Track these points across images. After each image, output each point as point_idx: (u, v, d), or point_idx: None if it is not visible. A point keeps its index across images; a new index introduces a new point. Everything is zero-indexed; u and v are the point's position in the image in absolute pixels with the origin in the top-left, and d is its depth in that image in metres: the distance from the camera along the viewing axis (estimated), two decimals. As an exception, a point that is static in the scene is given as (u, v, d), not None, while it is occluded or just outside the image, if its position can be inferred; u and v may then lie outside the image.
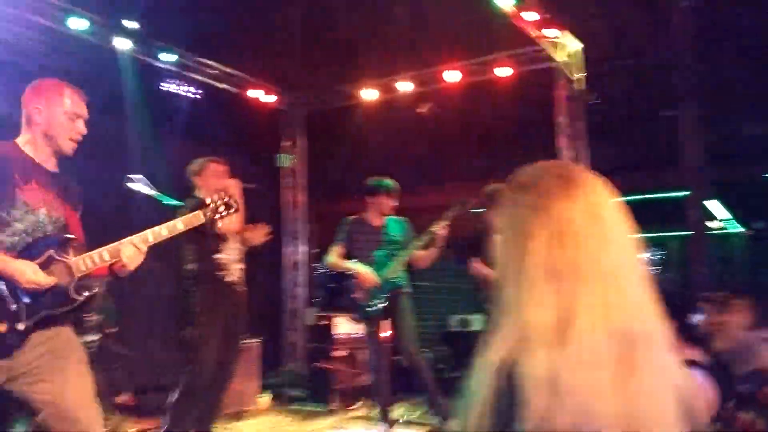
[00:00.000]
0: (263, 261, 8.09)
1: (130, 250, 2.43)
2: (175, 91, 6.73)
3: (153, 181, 6.07)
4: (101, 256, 2.38)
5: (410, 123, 8.22)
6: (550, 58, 6.43)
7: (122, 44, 6.09)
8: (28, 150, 2.42)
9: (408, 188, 8.24)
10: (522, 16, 5.91)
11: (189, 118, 6.94)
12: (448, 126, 8.25)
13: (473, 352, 1.04)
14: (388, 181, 4.88)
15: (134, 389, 5.44)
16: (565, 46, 6.43)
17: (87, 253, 2.38)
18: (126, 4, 5.90)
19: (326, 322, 6.51)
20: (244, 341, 5.64)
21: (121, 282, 4.94)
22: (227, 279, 4.03)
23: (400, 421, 5.05)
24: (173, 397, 3.92)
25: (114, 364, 5.30)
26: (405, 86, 7.51)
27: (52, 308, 2.29)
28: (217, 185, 3.92)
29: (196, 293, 3.98)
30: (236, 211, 2.83)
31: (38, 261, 2.26)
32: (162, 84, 6.65)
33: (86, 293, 2.36)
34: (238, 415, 5.41)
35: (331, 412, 5.63)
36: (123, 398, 5.42)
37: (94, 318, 4.83)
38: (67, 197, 2.49)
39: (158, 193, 4.50)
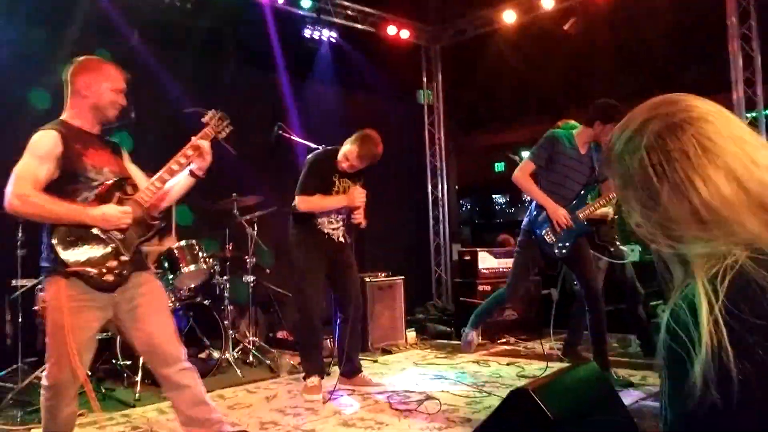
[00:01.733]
0: (408, 198, 8.26)
1: (205, 150, 2.80)
2: (317, 37, 6.84)
3: (299, 126, 6.38)
4: (154, 184, 2.74)
5: (553, 44, 7.76)
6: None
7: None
8: (76, 123, 2.71)
9: (554, 114, 7.93)
10: None
11: (331, 62, 7.07)
12: (598, 42, 7.70)
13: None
14: (618, 107, 3.96)
15: (290, 325, 5.84)
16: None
17: (145, 186, 2.75)
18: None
19: (470, 258, 6.50)
20: (387, 279, 5.87)
21: (276, 227, 5.34)
22: (323, 228, 4.22)
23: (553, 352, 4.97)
24: (297, 330, 4.33)
25: (270, 302, 5.74)
26: (547, 2, 7.06)
27: (140, 237, 2.73)
28: None
29: (294, 237, 4.23)
30: (229, 125, 2.95)
31: (113, 203, 2.65)
32: (304, 31, 6.78)
33: (158, 217, 2.82)
34: (386, 350, 5.64)
35: (476, 347, 5.65)
36: (281, 334, 5.87)
37: (250, 260, 5.22)
38: (114, 151, 2.83)
39: (300, 139, 4.72)
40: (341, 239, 4.27)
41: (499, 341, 5.99)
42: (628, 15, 7.20)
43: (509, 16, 7.38)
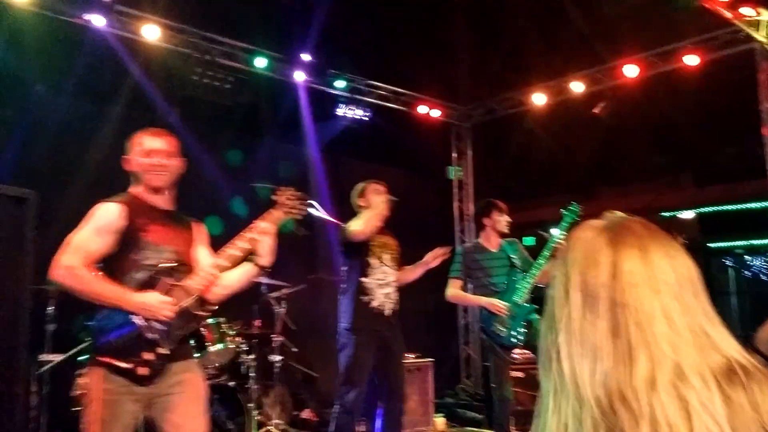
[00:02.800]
0: (434, 274, 8.11)
1: (251, 242, 2.61)
2: (349, 116, 6.95)
3: (329, 204, 6.38)
4: (208, 272, 2.57)
5: (582, 125, 7.78)
6: (746, 40, 5.72)
7: (299, 77, 6.44)
8: (143, 196, 2.66)
9: (583, 192, 7.85)
10: (713, -4, 5.31)
11: (362, 140, 7.14)
12: (627, 124, 7.70)
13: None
14: (494, 200, 4.62)
15: (316, 405, 5.63)
16: (766, 24, 5.68)
17: (197, 273, 2.57)
18: (299, 39, 6.24)
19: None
20: (416, 361, 5.68)
21: (301, 304, 5.24)
22: (371, 304, 4.00)
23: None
24: (335, 417, 4.05)
25: (297, 381, 5.57)
26: (577, 87, 7.12)
27: (183, 328, 2.54)
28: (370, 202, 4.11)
29: (344, 316, 4.05)
30: (305, 206, 2.80)
31: (159, 290, 2.50)
32: (337, 109, 6.90)
33: (207, 308, 2.63)
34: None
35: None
36: (306, 414, 5.66)
37: (278, 339, 5.09)
38: (186, 231, 2.73)
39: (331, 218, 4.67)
40: (388, 312, 4.07)
41: None
42: (658, 97, 7.22)
43: (539, 99, 7.45)
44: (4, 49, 4.74)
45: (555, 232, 4.35)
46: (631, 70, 6.76)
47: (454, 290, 4.49)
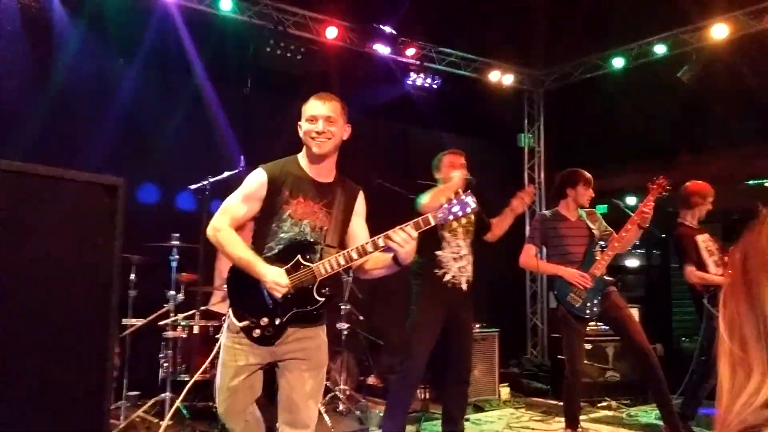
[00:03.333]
0: (506, 243, 7.98)
1: (399, 244, 2.47)
2: (421, 84, 6.84)
3: (402, 173, 6.35)
4: (338, 260, 2.50)
5: (664, 90, 7.35)
6: None
7: (369, 46, 6.39)
8: (303, 164, 2.64)
9: (663, 160, 7.48)
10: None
11: (435, 109, 7.03)
12: (712, 88, 7.22)
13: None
14: (582, 172, 4.43)
15: (381, 371, 5.72)
16: None
17: (328, 258, 2.51)
18: (370, 8, 6.16)
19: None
20: (482, 331, 5.64)
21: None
22: (445, 278, 3.94)
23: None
24: (392, 383, 4.11)
25: (363, 348, 5.66)
26: (660, 49, 6.71)
27: (301, 307, 2.51)
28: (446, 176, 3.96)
29: (415, 288, 4.03)
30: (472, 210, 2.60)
31: (288, 265, 2.50)
32: (408, 79, 6.80)
33: (327, 294, 2.53)
34: (478, 407, 5.40)
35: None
36: (371, 380, 5.77)
37: (345, 307, 5.18)
38: (339, 204, 2.64)
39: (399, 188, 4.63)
40: (464, 286, 4.02)
41: (599, 404, 5.59)
42: (747, 59, 6.72)
43: (618, 62, 7.09)
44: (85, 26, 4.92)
45: (633, 201, 4.19)
46: (719, 31, 6.30)
47: (529, 257, 4.40)
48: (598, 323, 5.37)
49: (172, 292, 4.43)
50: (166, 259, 4.44)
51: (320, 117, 2.57)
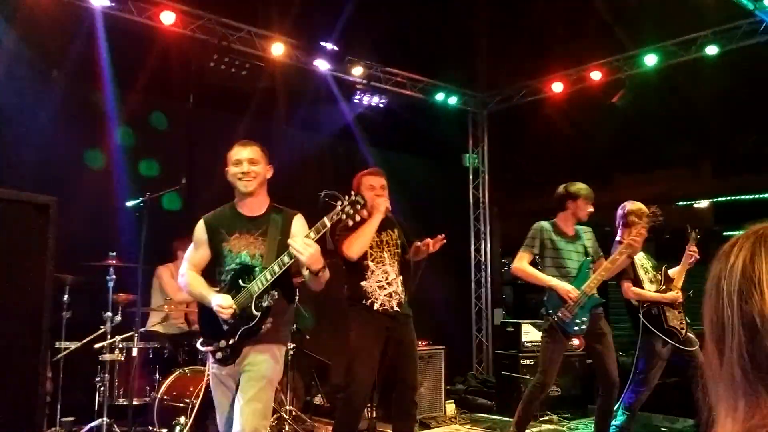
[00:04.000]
0: (450, 261, 8.08)
1: (298, 251, 2.72)
2: (367, 103, 6.85)
3: (347, 189, 6.33)
4: (265, 276, 2.80)
5: (600, 113, 7.62)
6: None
7: (316, 64, 6.37)
8: (237, 206, 3.02)
9: (601, 180, 7.73)
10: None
11: (381, 128, 7.05)
12: (645, 113, 7.53)
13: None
14: (581, 185, 4.36)
15: (327, 391, 5.63)
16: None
17: (258, 275, 2.83)
18: (316, 26, 6.15)
19: (513, 329, 6.25)
20: (428, 349, 5.63)
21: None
22: (374, 306, 3.74)
23: None
24: (339, 406, 4.03)
25: (309, 367, 5.56)
26: (595, 75, 6.97)
27: (246, 324, 2.81)
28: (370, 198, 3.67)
29: (350, 314, 3.84)
30: (363, 207, 2.87)
31: (233, 291, 2.87)
32: (355, 97, 6.79)
33: (262, 307, 2.81)
34: (425, 424, 5.38)
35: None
36: (318, 400, 5.67)
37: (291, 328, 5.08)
38: (271, 233, 2.93)
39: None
40: (397, 308, 3.79)
41: (541, 419, 5.65)
42: (678, 86, 7.05)
43: (557, 87, 7.30)
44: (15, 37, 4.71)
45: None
46: (650, 59, 6.60)
47: (523, 264, 4.25)
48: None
49: (109, 314, 4.24)
50: (102, 278, 4.25)
51: (244, 160, 2.93)
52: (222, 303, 2.78)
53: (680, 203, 8.91)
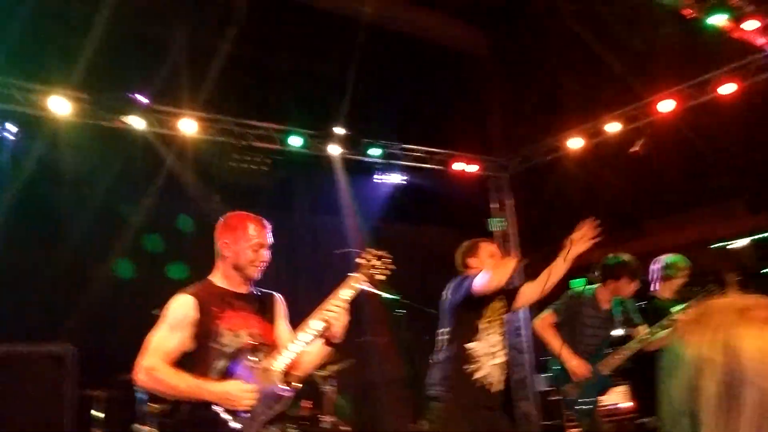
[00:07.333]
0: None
1: (331, 319, 2.44)
2: (386, 181, 6.74)
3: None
4: (289, 348, 2.42)
5: (623, 162, 7.35)
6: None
7: (333, 150, 6.31)
8: (220, 282, 2.56)
9: (631, 229, 7.37)
10: (741, 27, 4.97)
11: (401, 203, 6.90)
12: (668, 158, 7.23)
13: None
14: (629, 259, 3.96)
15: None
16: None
17: (278, 352, 2.42)
18: (331, 114, 6.13)
19: (557, 396, 5.81)
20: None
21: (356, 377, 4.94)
22: (476, 375, 3.26)
23: None
24: None
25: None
26: (613, 127, 6.74)
27: (268, 410, 2.36)
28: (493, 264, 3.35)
29: (440, 389, 3.29)
30: (390, 263, 2.58)
31: (242, 375, 2.36)
32: (374, 176, 6.71)
33: (292, 387, 2.43)
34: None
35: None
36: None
37: (328, 419, 4.77)
38: (263, 311, 2.58)
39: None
40: (498, 387, 3.31)
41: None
42: (698, 128, 6.76)
43: (575, 142, 7.09)
44: (43, 160, 4.74)
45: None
46: (666, 105, 6.36)
47: (545, 324, 3.96)
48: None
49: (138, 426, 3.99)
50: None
51: (266, 246, 2.56)
52: (243, 387, 2.28)
53: (716, 245, 8.43)
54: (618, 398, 5.19)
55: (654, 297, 4.22)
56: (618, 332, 4.04)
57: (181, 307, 2.42)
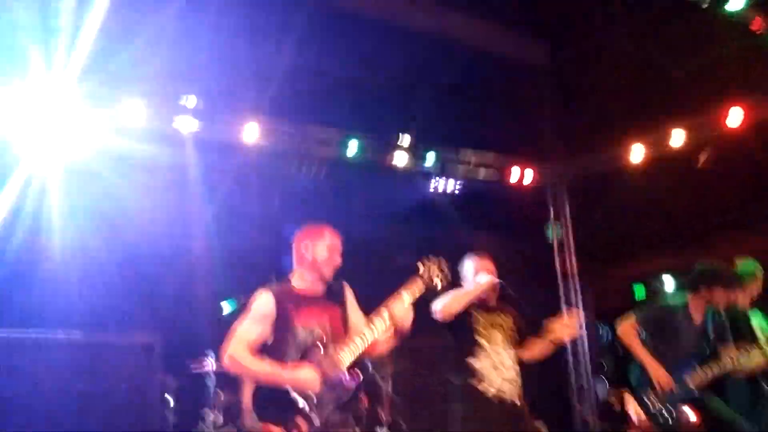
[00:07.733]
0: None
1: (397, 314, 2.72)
2: (442, 189, 6.77)
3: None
4: (357, 341, 2.68)
5: (687, 174, 7.13)
6: None
7: (390, 157, 6.37)
8: (297, 283, 2.87)
9: (697, 241, 7.14)
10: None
11: (457, 210, 6.91)
12: (735, 169, 6.97)
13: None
14: (723, 267, 3.87)
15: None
16: None
17: (347, 344, 2.67)
18: (388, 121, 6.20)
19: (617, 402, 5.67)
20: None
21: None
22: (486, 393, 3.32)
23: None
24: None
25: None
26: (677, 138, 6.55)
27: (336, 397, 2.61)
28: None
29: (452, 404, 3.43)
30: (449, 271, 2.89)
31: (313, 364, 2.62)
32: (431, 183, 6.74)
33: (358, 378, 2.66)
34: None
35: None
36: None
37: (385, 418, 4.83)
38: (335, 302, 2.87)
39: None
40: (517, 400, 3.38)
41: None
42: (764, 142, 6.49)
43: (636, 152, 6.92)
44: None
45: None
46: (733, 118, 6.13)
47: (628, 330, 3.90)
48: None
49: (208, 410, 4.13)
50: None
51: (339, 251, 2.87)
52: (309, 376, 2.55)
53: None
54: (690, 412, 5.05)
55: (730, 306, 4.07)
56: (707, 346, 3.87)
57: (262, 304, 2.73)
